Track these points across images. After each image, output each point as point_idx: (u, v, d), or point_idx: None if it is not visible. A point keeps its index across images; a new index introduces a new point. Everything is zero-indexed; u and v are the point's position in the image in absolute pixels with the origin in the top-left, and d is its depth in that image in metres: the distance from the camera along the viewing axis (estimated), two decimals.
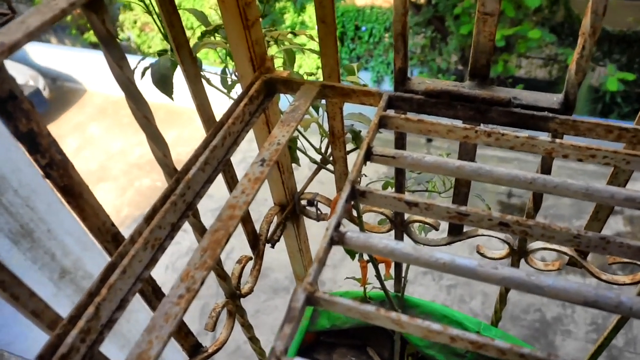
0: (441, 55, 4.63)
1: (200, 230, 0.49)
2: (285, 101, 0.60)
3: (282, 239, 0.83)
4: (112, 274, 0.34)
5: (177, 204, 0.40)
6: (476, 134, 0.44)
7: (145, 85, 0.62)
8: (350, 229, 0.38)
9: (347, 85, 0.53)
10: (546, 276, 0.33)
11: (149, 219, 0.38)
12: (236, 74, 0.61)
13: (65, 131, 3.68)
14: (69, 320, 0.33)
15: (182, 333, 0.53)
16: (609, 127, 0.40)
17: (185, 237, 2.03)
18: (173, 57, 0.62)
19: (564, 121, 0.43)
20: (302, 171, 0.80)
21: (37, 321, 0.33)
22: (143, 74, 0.67)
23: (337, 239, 0.37)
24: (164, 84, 0.60)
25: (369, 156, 0.45)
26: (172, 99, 0.64)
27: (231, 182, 0.56)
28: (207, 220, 0.41)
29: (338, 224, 0.38)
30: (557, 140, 0.40)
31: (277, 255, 0.92)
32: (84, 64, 3.99)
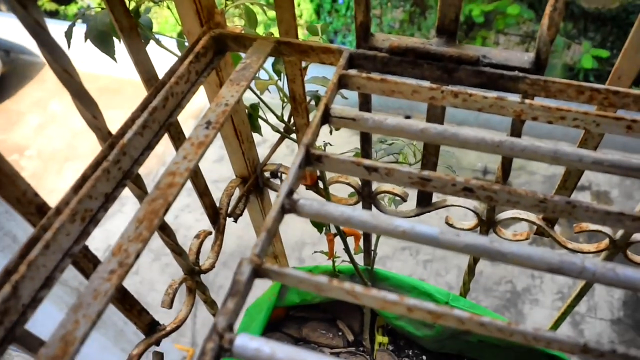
0: (420, 30, 4.57)
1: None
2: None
3: (247, 214, 0.79)
4: (33, 249, 0.30)
5: (111, 171, 0.36)
6: (442, 94, 0.41)
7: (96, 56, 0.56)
8: (303, 197, 0.35)
9: (304, 42, 0.49)
10: (510, 243, 0.30)
11: (78, 188, 0.34)
12: (184, 31, 0.56)
13: (25, 108, 3.49)
14: None
15: (135, 311, 0.50)
16: (580, 88, 0.38)
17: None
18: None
19: (535, 81, 0.40)
20: (270, 143, 0.76)
21: None
22: (86, 36, 0.61)
23: (289, 206, 0.34)
24: (103, 42, 0.55)
25: (327, 118, 0.42)
26: (114, 59, 0.58)
27: None
28: None
29: (291, 191, 0.35)
30: (527, 101, 0.38)
31: (254, 235, 0.89)
32: None
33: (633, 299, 2.21)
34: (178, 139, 0.49)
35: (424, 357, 0.93)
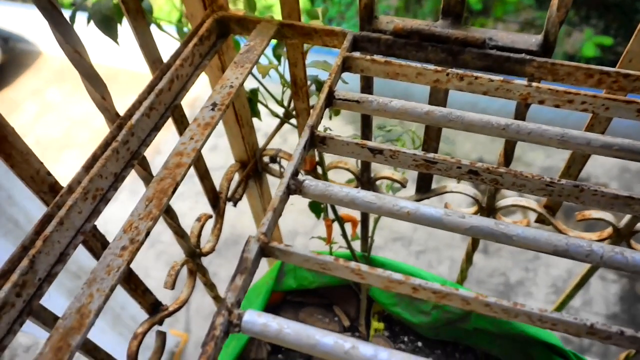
0: (416, 17, 4.54)
1: (150, 183, 0.45)
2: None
3: (245, 200, 0.79)
4: (48, 226, 0.30)
5: (120, 151, 0.36)
6: (448, 77, 0.41)
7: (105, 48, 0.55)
8: (309, 177, 0.35)
9: (307, 24, 0.48)
10: (516, 225, 0.30)
11: (89, 167, 0.34)
12: (187, 15, 0.55)
13: (23, 96, 3.46)
14: (1, 275, 0.30)
15: (139, 291, 0.50)
16: (589, 71, 0.37)
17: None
18: None
19: (542, 64, 0.39)
20: (268, 127, 0.76)
21: None
22: (89, 20, 0.60)
23: (294, 187, 0.34)
24: (107, 26, 0.54)
25: (330, 100, 0.41)
26: (117, 43, 0.58)
27: None
28: None
29: (296, 172, 0.35)
30: (534, 84, 0.37)
31: (250, 222, 0.89)
32: (38, 24, 3.68)
33: (629, 294, 2.22)
34: (181, 122, 0.49)
35: (420, 344, 0.94)
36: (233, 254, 2.08)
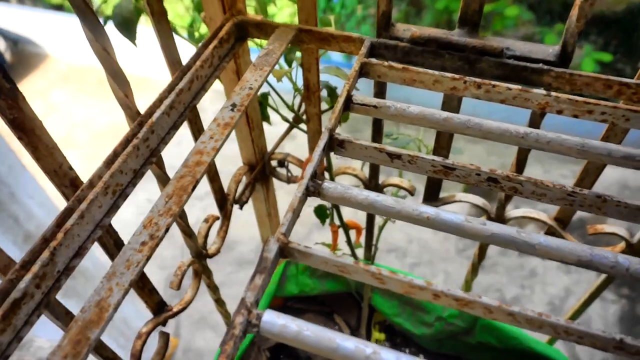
0: None
1: (164, 182, 0.45)
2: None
3: (250, 206, 0.79)
4: (69, 219, 0.30)
5: (140, 148, 0.36)
6: (465, 84, 0.41)
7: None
8: (328, 180, 0.35)
9: (325, 30, 0.48)
10: (538, 234, 0.30)
11: (110, 163, 0.34)
12: (206, 18, 0.56)
13: (29, 96, 3.48)
14: (22, 265, 0.30)
15: (146, 290, 0.50)
16: (608, 82, 0.38)
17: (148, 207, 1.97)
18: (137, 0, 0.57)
19: (560, 74, 0.39)
20: (274, 132, 0.76)
21: None
22: (105, 20, 0.61)
23: (313, 189, 0.34)
24: (127, 28, 0.55)
25: (348, 104, 0.41)
26: (134, 44, 0.59)
27: (198, 135, 0.52)
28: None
29: (315, 173, 0.35)
30: (553, 93, 0.37)
31: (244, 229, 0.89)
32: (46, 27, 3.75)
33: (629, 315, 2.20)
34: (195, 122, 0.49)
35: (421, 356, 0.93)
36: (226, 260, 2.07)
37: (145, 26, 0.68)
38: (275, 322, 0.27)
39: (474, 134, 0.38)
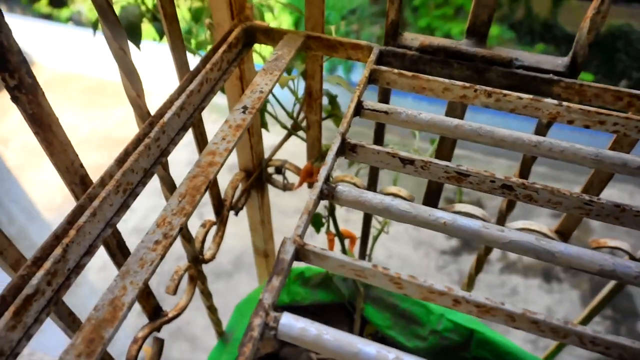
0: None
1: (168, 184, 0.44)
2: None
3: (232, 217, 0.78)
4: (82, 216, 0.29)
5: (151, 148, 0.35)
6: (475, 93, 0.41)
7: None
8: (342, 183, 0.34)
9: (334, 37, 0.48)
10: (558, 242, 0.30)
11: (121, 161, 0.33)
12: (211, 22, 0.55)
13: (10, 101, 3.44)
14: (33, 261, 0.29)
15: (145, 293, 0.48)
16: (618, 94, 0.38)
17: (132, 217, 1.94)
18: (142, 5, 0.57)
19: (570, 85, 0.40)
20: (270, 139, 0.75)
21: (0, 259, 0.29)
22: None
23: (327, 192, 0.33)
24: (132, 32, 0.55)
25: (359, 110, 0.41)
26: (139, 48, 0.59)
27: (200, 139, 0.51)
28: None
29: (328, 177, 0.34)
30: (565, 103, 0.38)
31: (230, 240, 0.87)
32: (33, 36, 3.73)
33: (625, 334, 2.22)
34: (198, 126, 0.48)
35: None
36: (211, 269, 2.04)
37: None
38: (294, 325, 0.26)
39: (486, 142, 0.38)
